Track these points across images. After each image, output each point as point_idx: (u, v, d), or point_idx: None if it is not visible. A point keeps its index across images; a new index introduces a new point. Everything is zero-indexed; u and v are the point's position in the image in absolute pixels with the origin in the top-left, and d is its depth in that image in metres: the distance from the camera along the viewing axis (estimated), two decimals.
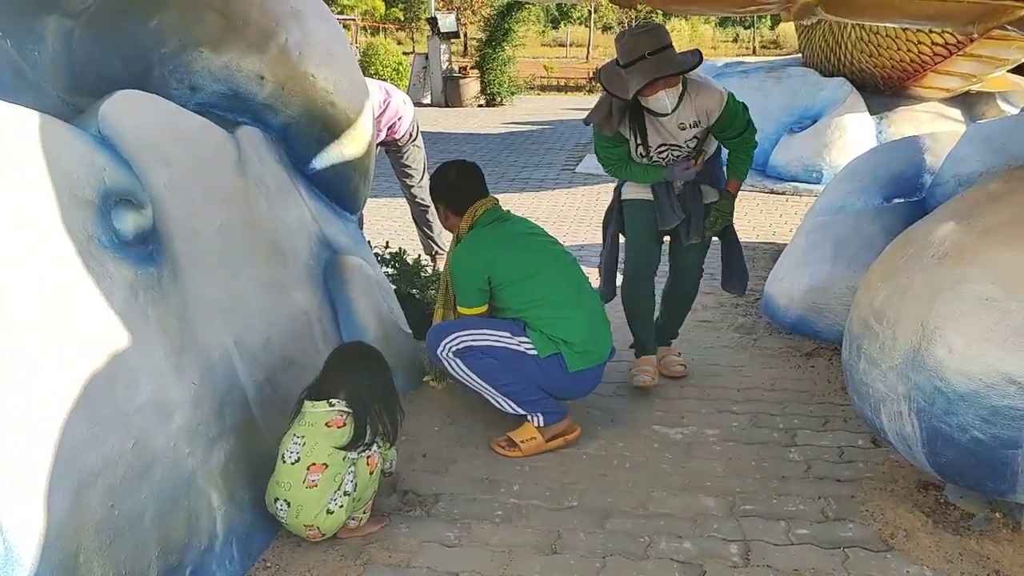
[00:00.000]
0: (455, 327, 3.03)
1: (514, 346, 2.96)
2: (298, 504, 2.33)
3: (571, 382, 3.03)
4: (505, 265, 2.99)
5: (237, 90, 3.15)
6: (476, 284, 3.02)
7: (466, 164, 3.25)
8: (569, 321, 2.99)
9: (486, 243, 3.05)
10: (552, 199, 7.44)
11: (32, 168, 1.95)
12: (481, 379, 2.98)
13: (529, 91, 18.54)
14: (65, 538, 1.80)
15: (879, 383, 2.36)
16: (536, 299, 2.98)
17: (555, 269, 3.08)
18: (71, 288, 1.96)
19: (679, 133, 3.27)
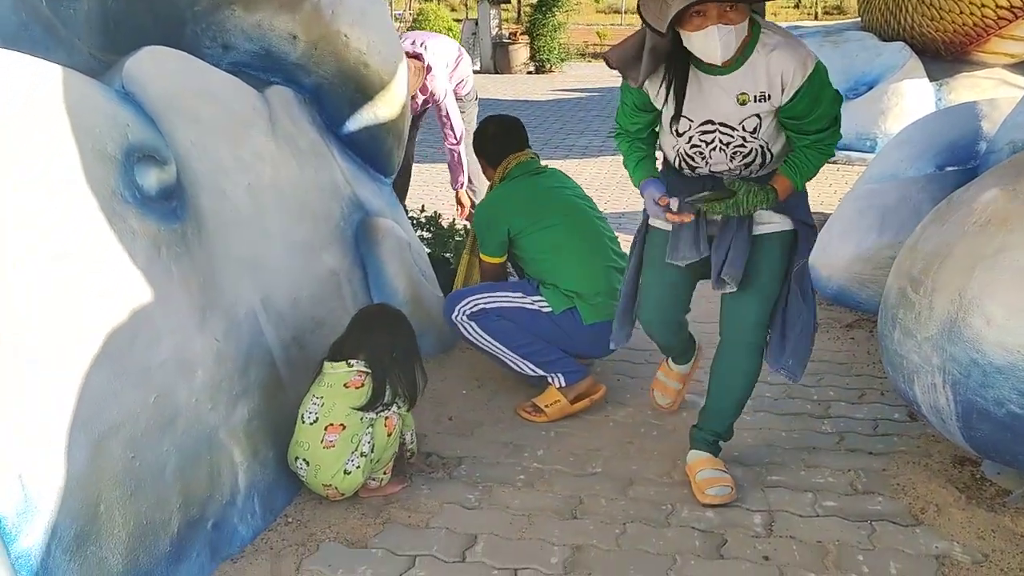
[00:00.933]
0: (469, 292, 3.06)
1: (528, 305, 2.97)
2: (316, 464, 2.35)
3: (588, 337, 2.99)
4: (523, 216, 3.03)
5: (269, 49, 3.14)
6: (495, 234, 3.08)
7: (505, 119, 3.32)
8: (584, 271, 2.97)
9: (508, 196, 3.13)
10: (596, 166, 7.35)
11: (55, 122, 1.97)
12: (497, 342, 2.98)
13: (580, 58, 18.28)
14: (85, 487, 1.83)
15: (914, 354, 2.28)
16: (551, 248, 3.00)
17: (574, 221, 3.07)
18: (93, 242, 1.98)
19: (735, 109, 2.19)
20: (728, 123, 2.23)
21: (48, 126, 1.95)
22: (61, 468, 1.78)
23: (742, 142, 2.25)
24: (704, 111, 2.23)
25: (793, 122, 2.23)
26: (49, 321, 1.82)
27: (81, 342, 1.89)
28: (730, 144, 2.26)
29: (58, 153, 1.95)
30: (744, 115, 2.21)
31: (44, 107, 1.96)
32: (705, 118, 2.24)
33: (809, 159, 2.28)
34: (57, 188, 1.92)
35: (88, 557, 1.82)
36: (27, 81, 1.94)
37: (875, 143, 7.36)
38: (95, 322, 1.94)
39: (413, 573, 2.15)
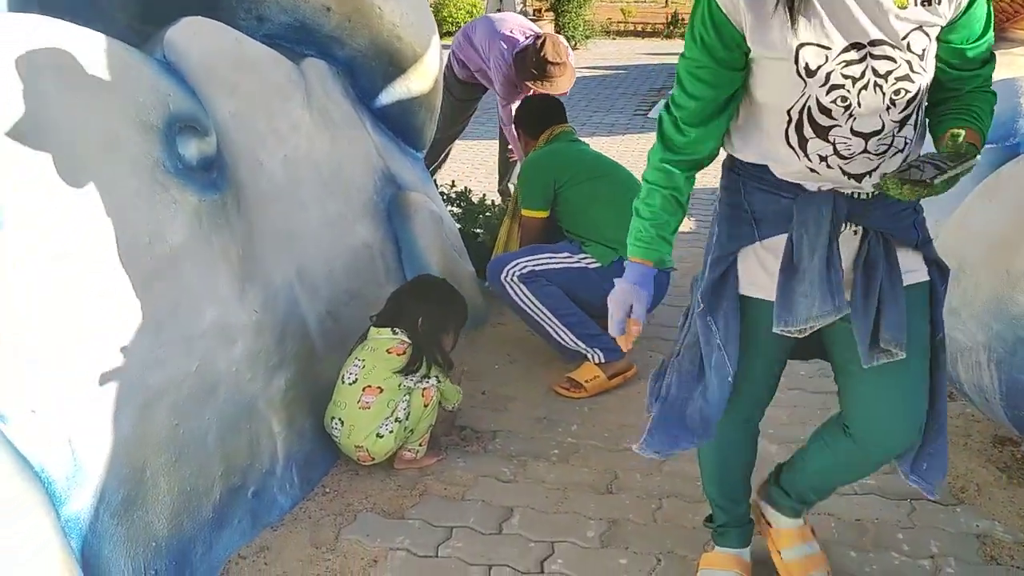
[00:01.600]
0: (516, 255, 3.05)
1: (575, 264, 2.98)
2: (350, 424, 2.36)
3: None
4: (569, 169, 3.11)
5: (304, 21, 3.13)
6: (542, 184, 3.12)
7: (546, 96, 3.56)
8: (626, 219, 2.92)
9: (551, 155, 3.22)
10: (622, 144, 7.29)
11: (99, 91, 1.97)
12: (544, 307, 2.96)
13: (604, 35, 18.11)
14: (131, 453, 1.85)
15: (958, 332, 2.25)
16: (594, 198, 3.04)
17: (613, 176, 3.15)
18: (137, 211, 1.99)
19: (893, 18, 1.38)
20: (888, 39, 1.40)
21: (92, 95, 1.96)
22: (108, 433, 1.80)
23: (907, 72, 1.42)
24: (848, 26, 1.39)
25: (956, 50, 1.48)
26: (97, 288, 1.84)
27: (126, 309, 1.90)
28: (891, 75, 1.41)
29: (102, 122, 1.96)
30: (907, 28, 1.40)
31: (88, 76, 1.96)
32: (852, 39, 1.39)
33: (985, 108, 1.52)
34: (101, 157, 1.93)
35: (135, 522, 1.84)
36: (73, 49, 1.94)
37: None
38: (139, 290, 1.95)
39: (450, 544, 2.16)
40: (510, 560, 2.10)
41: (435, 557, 2.12)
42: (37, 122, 1.79)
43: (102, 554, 1.75)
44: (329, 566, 2.08)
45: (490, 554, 2.12)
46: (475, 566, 2.08)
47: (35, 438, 1.64)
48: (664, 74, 11.47)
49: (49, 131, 1.82)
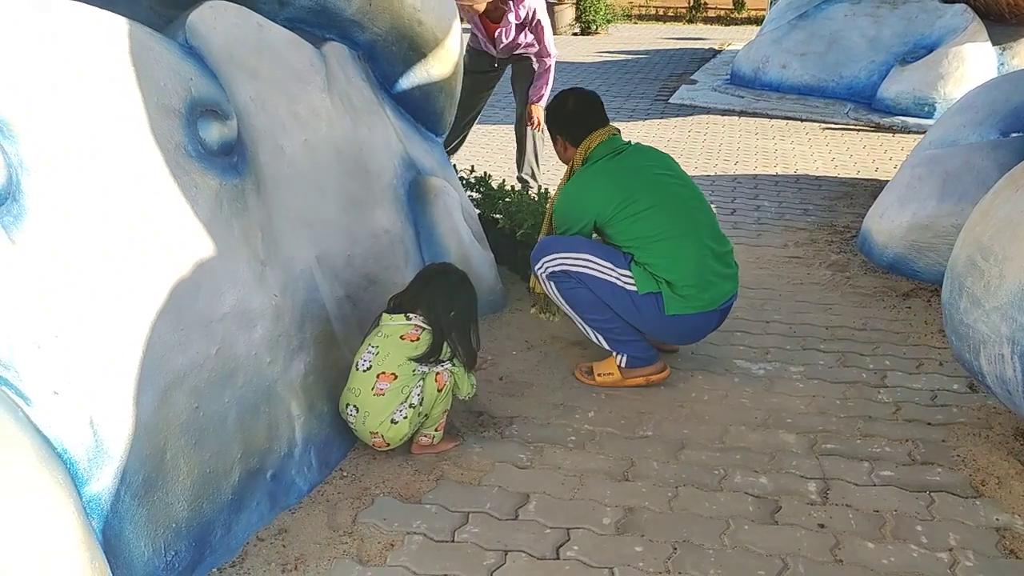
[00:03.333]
0: (559, 246, 2.86)
1: (613, 278, 2.78)
2: (365, 411, 2.37)
3: (667, 326, 2.84)
4: (612, 205, 2.81)
5: (325, 5, 3.12)
6: (579, 226, 2.87)
7: (584, 92, 3.05)
8: (674, 262, 2.77)
9: (593, 182, 2.87)
10: (643, 129, 7.24)
11: (122, 75, 1.98)
12: (571, 306, 2.87)
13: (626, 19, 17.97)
14: (152, 435, 1.87)
15: (981, 324, 2.22)
16: (642, 237, 2.79)
17: (666, 205, 2.82)
18: (159, 194, 2.00)
19: None
20: None
21: (116, 78, 1.97)
22: (130, 415, 1.82)
23: None
24: None
25: None
26: (117, 270, 1.85)
27: (147, 292, 1.92)
28: None
29: (125, 106, 1.97)
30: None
31: (112, 60, 1.97)
32: None
33: None
34: (124, 141, 1.94)
35: (155, 503, 1.86)
36: (96, 34, 1.95)
37: (934, 108, 7.16)
38: (160, 273, 1.96)
39: (467, 529, 2.17)
40: (526, 546, 2.11)
41: (451, 542, 2.13)
42: (60, 105, 1.81)
43: (123, 535, 1.78)
44: (346, 549, 2.09)
45: (506, 540, 2.13)
46: (491, 551, 2.09)
47: (58, 420, 1.66)
48: (686, 59, 11.37)
49: (72, 114, 1.83)
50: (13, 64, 1.73)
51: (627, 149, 2.96)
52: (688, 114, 7.91)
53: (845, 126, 7.31)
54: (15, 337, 1.61)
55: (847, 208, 4.98)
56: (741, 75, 9.03)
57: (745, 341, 3.25)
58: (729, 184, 5.56)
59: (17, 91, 1.72)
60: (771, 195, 5.30)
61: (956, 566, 2.00)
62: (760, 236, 4.50)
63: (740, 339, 3.26)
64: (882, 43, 8.02)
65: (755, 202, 5.15)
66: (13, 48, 1.74)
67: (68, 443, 1.68)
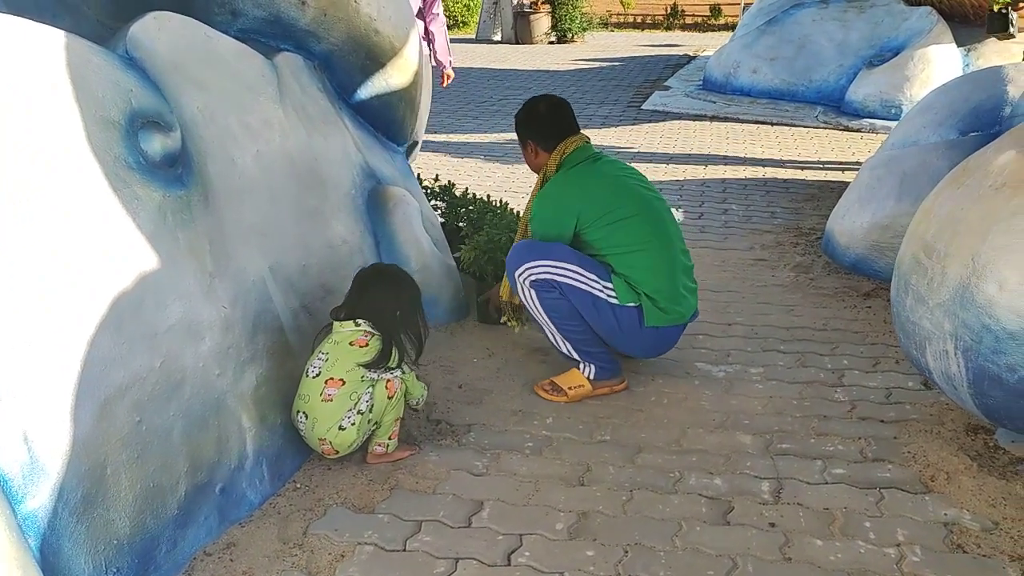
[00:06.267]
0: (544, 254, 2.78)
1: (597, 291, 2.76)
2: (314, 417, 2.37)
3: (645, 338, 2.85)
4: (591, 209, 2.79)
5: (279, 16, 3.12)
6: (558, 231, 2.82)
7: (555, 99, 3.03)
8: (652, 274, 2.78)
9: (573, 187, 2.84)
10: (616, 135, 7.27)
11: (58, 88, 1.97)
12: (548, 316, 2.83)
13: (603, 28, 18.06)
14: (91, 450, 1.85)
15: (925, 320, 2.24)
16: (621, 245, 2.78)
17: (645, 216, 2.82)
18: (98, 208, 1.98)
19: None
20: None
21: (52, 92, 1.95)
22: (67, 430, 1.80)
23: None
24: None
25: None
26: (55, 284, 1.83)
27: (87, 306, 1.90)
28: None
29: (62, 119, 1.96)
30: None
31: (48, 73, 1.96)
32: None
33: None
34: (61, 154, 1.93)
35: (95, 519, 1.84)
36: (31, 47, 1.94)
37: (900, 110, 7.23)
38: (101, 286, 1.94)
39: (419, 538, 2.16)
40: (477, 553, 2.10)
41: (403, 551, 2.12)
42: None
43: (62, 552, 1.76)
44: (296, 561, 2.08)
45: (457, 547, 2.12)
46: (442, 559, 2.08)
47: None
48: (660, 66, 11.43)
49: (5, 129, 1.82)
50: None
51: (602, 157, 2.96)
52: (660, 120, 7.95)
53: (814, 129, 7.36)
54: None
55: (813, 210, 5.01)
56: (713, 80, 9.10)
57: (707, 344, 3.26)
58: (698, 189, 5.58)
59: None
60: (739, 199, 5.32)
61: (903, 561, 2.01)
62: (727, 240, 4.52)
63: (702, 342, 3.27)
64: (850, 47, 8.11)
65: (723, 206, 5.17)
66: None
67: (1, 460, 1.66)
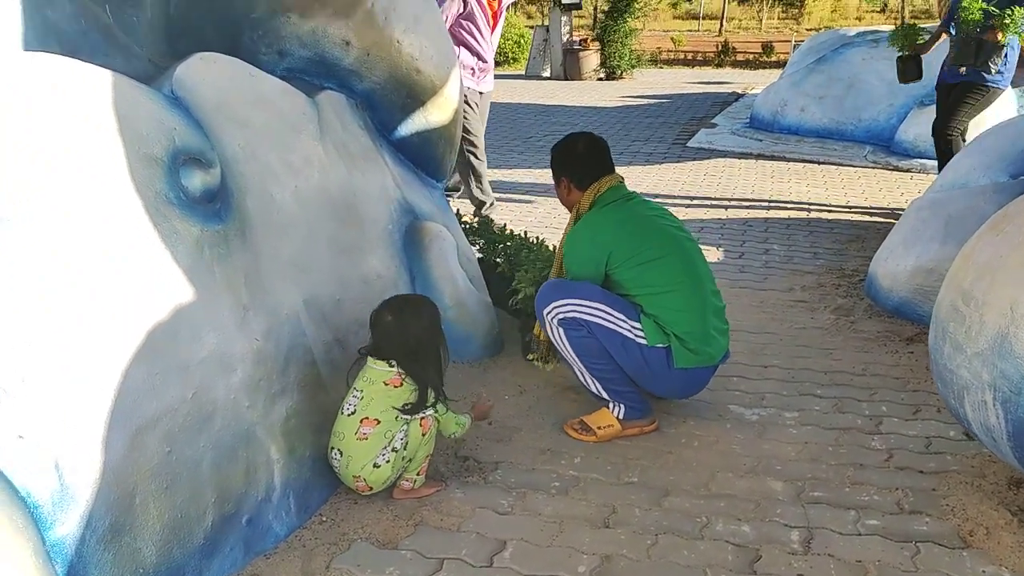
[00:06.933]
0: (572, 292, 2.79)
1: (625, 331, 2.74)
2: (348, 455, 2.38)
3: (674, 380, 2.82)
4: (623, 248, 2.79)
5: (323, 55, 3.21)
6: (591, 268, 2.83)
7: (593, 137, 3.03)
8: (683, 315, 2.76)
9: (606, 225, 2.84)
10: (659, 172, 7.26)
11: (104, 126, 2.04)
12: (576, 354, 2.82)
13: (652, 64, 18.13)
14: (121, 479, 1.89)
15: (963, 370, 2.18)
16: (652, 286, 2.77)
17: (676, 257, 2.81)
18: (138, 242, 2.04)
19: None
20: None
21: (99, 130, 2.03)
22: (98, 459, 1.84)
23: None
24: None
25: None
26: (92, 316, 1.89)
27: (123, 337, 1.95)
28: None
29: (108, 156, 2.03)
30: None
31: (96, 112, 2.03)
32: None
33: None
34: (105, 190, 2.00)
35: (122, 548, 1.87)
36: (81, 87, 2.02)
37: None
38: (137, 318, 2.00)
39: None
40: None
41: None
42: (41, 156, 1.87)
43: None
44: None
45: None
46: None
47: (22, 464, 1.69)
48: (708, 103, 11.42)
49: (52, 165, 1.89)
50: None
51: (635, 197, 2.97)
52: (705, 157, 7.92)
53: (863, 168, 7.26)
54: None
55: (857, 252, 4.93)
56: (760, 119, 9.06)
57: (741, 386, 3.21)
58: (740, 227, 5.54)
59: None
60: (781, 238, 5.27)
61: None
62: (766, 280, 4.47)
63: (736, 384, 3.23)
64: (900, 86, 7.99)
65: (764, 246, 5.12)
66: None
67: (32, 487, 1.70)
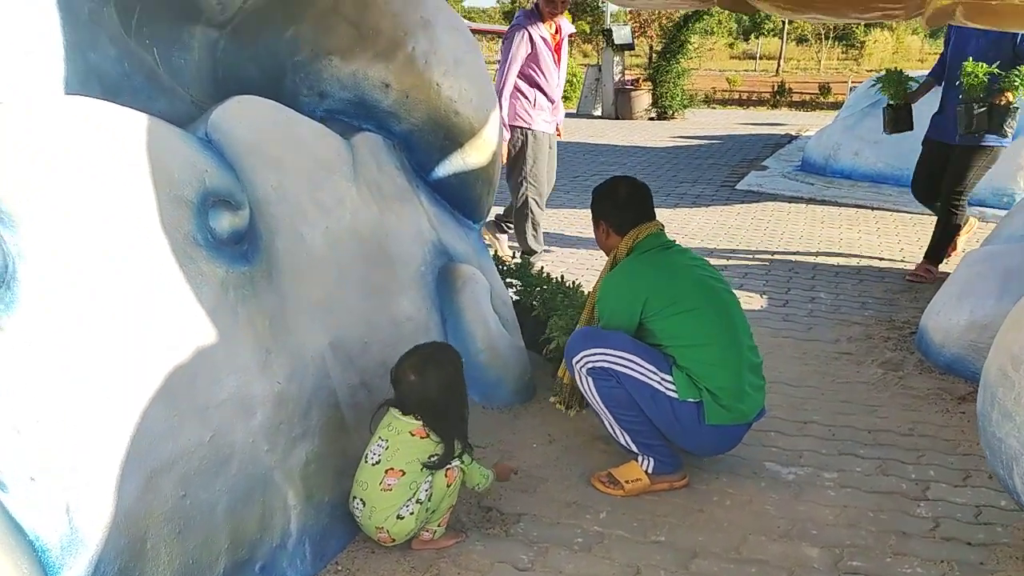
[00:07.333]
0: (602, 342, 2.73)
1: (655, 383, 2.67)
2: (372, 505, 2.34)
3: (704, 436, 2.73)
4: (659, 298, 2.72)
5: (363, 97, 3.23)
6: (624, 317, 2.76)
7: (635, 182, 2.98)
8: (716, 369, 2.68)
9: (643, 273, 2.79)
10: (706, 215, 7.16)
11: (135, 167, 2.06)
12: (605, 405, 2.75)
13: (705, 104, 18.07)
14: (133, 523, 1.87)
15: (1012, 438, 2.06)
16: (686, 338, 2.69)
17: (712, 309, 2.74)
18: (162, 282, 2.05)
19: None
20: None
21: (131, 172, 2.05)
22: (110, 502, 1.82)
23: None
24: None
25: None
26: (111, 356, 1.89)
27: (142, 378, 1.95)
28: None
29: (138, 199, 2.05)
30: None
31: (125, 153, 2.06)
32: None
33: None
34: (133, 231, 2.01)
35: None
36: (114, 129, 2.05)
37: (1012, 200, 6.88)
38: (157, 359, 1.99)
39: None
40: None
41: None
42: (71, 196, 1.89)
43: None
44: None
45: None
46: None
47: (32, 506, 1.68)
48: (759, 145, 11.29)
49: (81, 206, 1.91)
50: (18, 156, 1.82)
51: (674, 246, 2.90)
52: (754, 200, 7.80)
53: (918, 215, 7.07)
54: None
55: (910, 303, 4.77)
56: (812, 162, 8.91)
57: (778, 442, 3.10)
58: (786, 274, 5.41)
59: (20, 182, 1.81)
60: (829, 286, 5.12)
61: None
62: (811, 330, 4.34)
63: (773, 440, 3.11)
64: None
65: (810, 293, 4.99)
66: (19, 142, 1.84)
67: (41, 530, 1.69)
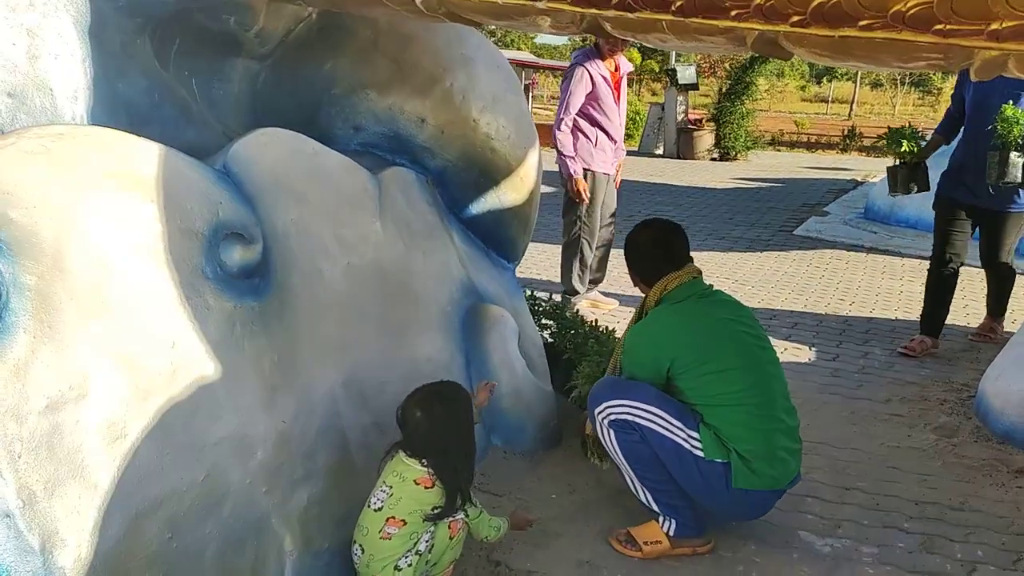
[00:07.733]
0: (627, 393, 2.61)
1: (680, 439, 2.53)
2: (370, 552, 2.25)
3: (731, 500, 2.56)
4: (687, 355, 2.57)
5: (398, 132, 3.20)
6: (648, 372, 2.63)
7: (666, 227, 2.82)
8: (746, 432, 2.52)
9: (669, 329, 2.65)
10: (759, 260, 6.95)
11: (146, 198, 2.03)
12: (626, 459, 2.62)
13: (770, 146, 17.79)
14: (112, 567, 1.80)
15: None
16: (714, 397, 2.55)
17: (746, 370, 2.58)
18: (166, 315, 2.01)
19: None
20: None
21: (140, 201, 2.02)
22: (89, 544, 1.76)
23: None
24: None
25: None
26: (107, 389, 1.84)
27: (136, 413, 1.90)
28: None
29: (147, 228, 2.01)
30: None
31: (138, 183, 2.03)
32: None
33: None
34: (139, 261, 1.97)
35: None
36: (128, 160, 2.03)
37: None
38: (156, 394, 1.94)
39: None
40: None
41: None
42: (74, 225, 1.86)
43: None
44: None
45: None
46: None
47: (6, 544, 1.63)
48: (823, 190, 11.01)
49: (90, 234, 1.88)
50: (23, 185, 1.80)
51: (711, 294, 2.74)
52: (811, 247, 7.56)
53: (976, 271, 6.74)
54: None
55: (970, 363, 4.51)
56: (876, 210, 8.62)
57: (815, 509, 2.91)
58: (838, 326, 5.18)
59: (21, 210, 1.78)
60: (884, 342, 4.88)
61: None
62: (861, 388, 4.12)
63: (810, 506, 2.92)
64: None
65: (863, 348, 4.76)
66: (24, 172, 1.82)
67: (15, 570, 1.64)
